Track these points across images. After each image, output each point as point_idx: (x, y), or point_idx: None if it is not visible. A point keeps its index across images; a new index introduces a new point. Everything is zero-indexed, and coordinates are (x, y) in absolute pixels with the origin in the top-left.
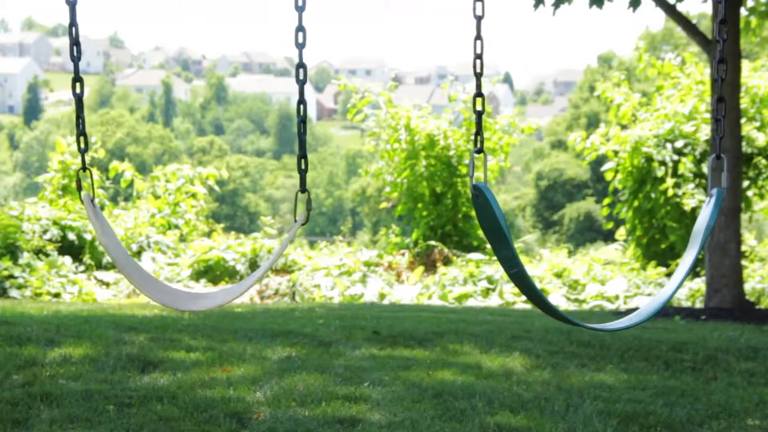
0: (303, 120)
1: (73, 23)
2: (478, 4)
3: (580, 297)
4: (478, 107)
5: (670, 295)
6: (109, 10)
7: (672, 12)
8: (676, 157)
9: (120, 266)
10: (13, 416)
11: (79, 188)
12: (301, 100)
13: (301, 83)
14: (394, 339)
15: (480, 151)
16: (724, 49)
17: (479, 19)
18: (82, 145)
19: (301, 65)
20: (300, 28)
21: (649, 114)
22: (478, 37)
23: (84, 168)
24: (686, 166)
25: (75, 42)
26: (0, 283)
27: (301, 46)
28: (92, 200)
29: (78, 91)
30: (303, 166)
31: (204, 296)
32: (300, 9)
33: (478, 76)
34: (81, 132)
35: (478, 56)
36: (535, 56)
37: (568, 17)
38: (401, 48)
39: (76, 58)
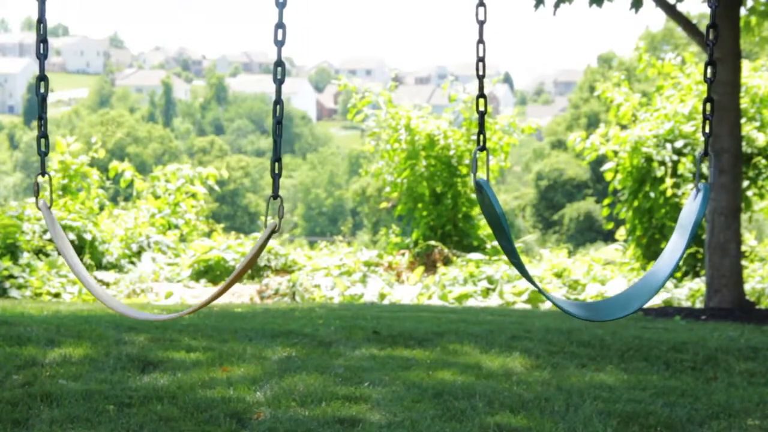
0: (279, 121)
1: (41, 19)
2: (481, 9)
3: (580, 297)
4: (481, 108)
5: (661, 284)
6: (109, 10)
7: (672, 12)
8: (675, 158)
9: (76, 273)
10: (13, 416)
11: (36, 194)
12: (278, 100)
13: (279, 82)
14: (394, 339)
15: (483, 149)
16: (714, 53)
17: (481, 23)
18: (43, 148)
19: (279, 63)
20: (280, 25)
21: (649, 114)
22: (481, 40)
23: (43, 173)
24: (686, 166)
25: (42, 39)
26: (0, 283)
27: (280, 44)
28: (49, 207)
29: (42, 90)
30: (276, 170)
31: (150, 314)
32: (281, 5)
33: (481, 78)
34: (42, 134)
35: (481, 59)
36: (535, 56)
37: (568, 17)
38: (401, 48)
39: (42, 56)
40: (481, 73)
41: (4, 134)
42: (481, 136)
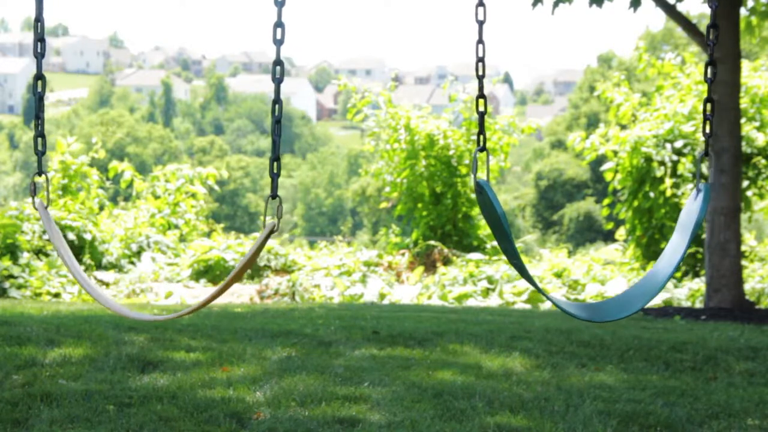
0: (278, 120)
1: (38, 18)
2: (480, 9)
3: (580, 297)
4: (481, 108)
5: (662, 284)
6: (109, 10)
7: (672, 12)
8: (675, 158)
9: (73, 273)
10: (13, 416)
11: (33, 193)
12: (277, 100)
13: (278, 81)
14: (394, 339)
15: (483, 149)
16: (714, 53)
17: (481, 23)
18: (40, 148)
19: (278, 62)
20: (279, 24)
21: (649, 114)
22: (480, 41)
23: (40, 172)
24: (685, 166)
25: (40, 38)
26: (0, 283)
27: (279, 43)
28: (45, 207)
29: (39, 89)
30: (275, 170)
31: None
32: (279, 4)
33: (481, 78)
34: (39, 133)
35: (480, 59)
36: (535, 56)
37: (567, 17)
38: (401, 48)
39: (39, 55)
40: (480, 73)
41: (4, 134)
42: (481, 137)
